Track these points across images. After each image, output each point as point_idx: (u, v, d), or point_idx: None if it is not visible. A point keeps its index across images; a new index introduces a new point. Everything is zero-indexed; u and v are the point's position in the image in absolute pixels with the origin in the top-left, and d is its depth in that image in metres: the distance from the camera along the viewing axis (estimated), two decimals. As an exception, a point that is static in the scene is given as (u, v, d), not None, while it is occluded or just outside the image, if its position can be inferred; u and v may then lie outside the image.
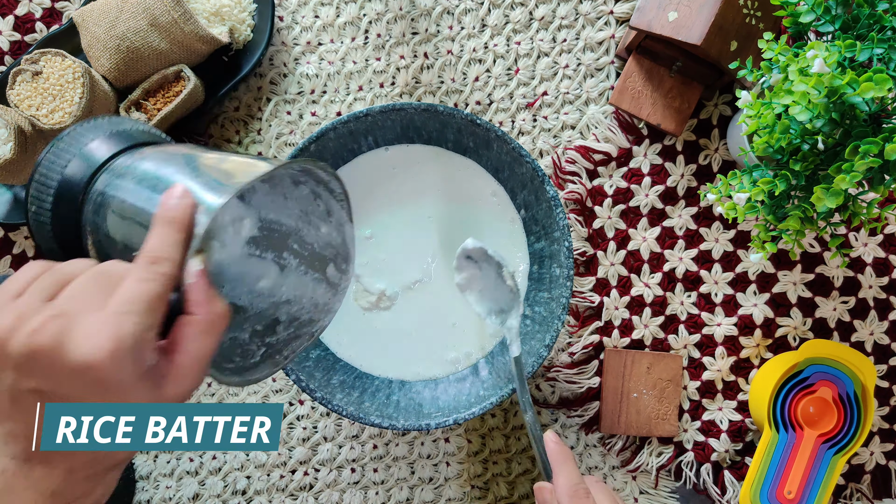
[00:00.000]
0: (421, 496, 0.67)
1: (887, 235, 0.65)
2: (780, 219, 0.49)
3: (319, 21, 0.67)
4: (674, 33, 0.56)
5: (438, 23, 0.67)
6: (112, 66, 0.59)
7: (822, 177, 0.45)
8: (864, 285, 0.65)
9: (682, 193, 0.66)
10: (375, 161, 0.62)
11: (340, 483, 0.67)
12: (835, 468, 0.59)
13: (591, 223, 0.66)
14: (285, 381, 0.67)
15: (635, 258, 0.66)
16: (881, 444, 0.65)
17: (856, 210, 0.47)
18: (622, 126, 0.66)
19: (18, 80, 0.58)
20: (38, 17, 0.67)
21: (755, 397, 0.62)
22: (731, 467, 0.65)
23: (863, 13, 0.44)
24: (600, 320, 0.66)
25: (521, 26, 0.66)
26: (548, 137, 0.67)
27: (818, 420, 0.60)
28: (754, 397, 0.63)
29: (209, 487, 0.67)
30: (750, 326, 0.65)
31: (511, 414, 0.67)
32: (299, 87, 0.67)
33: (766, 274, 0.65)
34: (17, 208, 0.64)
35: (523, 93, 0.67)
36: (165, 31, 0.59)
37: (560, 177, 0.66)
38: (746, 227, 0.65)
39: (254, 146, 0.67)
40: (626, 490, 0.66)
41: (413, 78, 0.67)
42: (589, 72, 0.67)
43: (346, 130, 0.58)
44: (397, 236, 0.62)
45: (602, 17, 0.66)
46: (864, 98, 0.40)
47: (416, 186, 0.62)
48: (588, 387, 0.66)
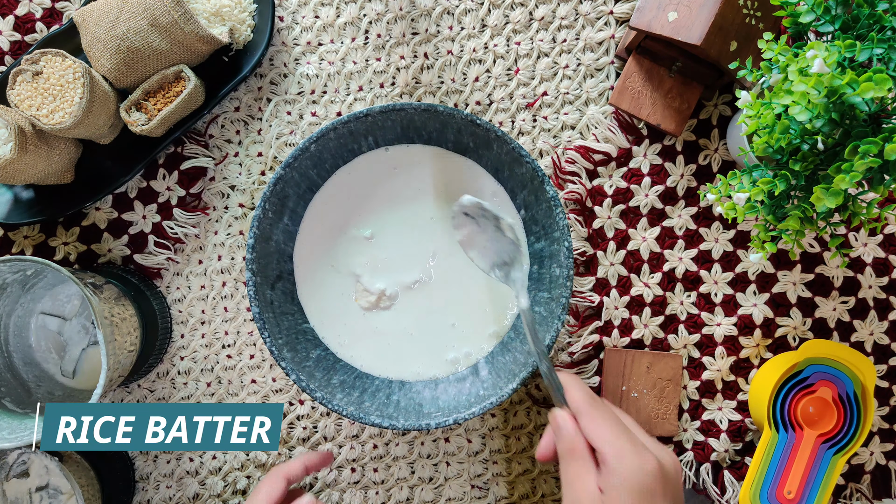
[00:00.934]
0: (421, 496, 0.67)
1: (887, 235, 0.65)
2: (779, 219, 0.49)
3: (319, 21, 0.67)
4: (673, 33, 0.56)
5: (438, 23, 0.67)
6: (112, 66, 0.59)
7: (821, 177, 0.45)
8: (864, 285, 0.65)
9: (681, 193, 0.66)
10: (376, 161, 0.62)
11: (340, 483, 0.67)
12: (835, 468, 0.59)
13: (591, 223, 0.66)
14: (285, 381, 0.67)
15: (635, 258, 0.66)
16: (881, 444, 0.65)
17: (855, 210, 0.47)
18: (622, 126, 0.66)
19: (19, 80, 0.58)
20: (39, 17, 0.67)
21: (755, 397, 0.62)
22: (730, 467, 0.65)
23: (863, 13, 0.44)
24: (600, 320, 0.66)
25: (521, 26, 0.67)
26: (548, 137, 0.67)
27: (818, 420, 0.60)
28: (754, 397, 0.63)
29: (209, 487, 0.67)
30: (750, 326, 0.65)
31: (511, 414, 0.67)
32: (299, 88, 0.67)
33: (766, 274, 0.65)
34: (18, 208, 0.64)
35: (523, 93, 0.67)
36: (166, 31, 0.59)
37: (560, 177, 0.66)
38: (746, 227, 0.65)
39: (254, 146, 0.67)
40: (625, 490, 0.66)
41: (413, 78, 0.67)
42: (589, 72, 0.67)
43: (346, 130, 0.58)
44: (397, 236, 0.62)
45: (602, 17, 0.66)
46: (864, 98, 0.40)
47: (417, 186, 0.62)
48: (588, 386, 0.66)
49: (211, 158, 0.67)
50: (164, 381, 0.67)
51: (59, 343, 0.65)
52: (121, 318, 0.58)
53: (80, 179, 0.65)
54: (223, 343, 0.67)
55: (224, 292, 0.67)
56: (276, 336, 0.57)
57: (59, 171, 0.62)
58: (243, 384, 0.67)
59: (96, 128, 0.61)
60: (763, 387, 0.61)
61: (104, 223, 0.66)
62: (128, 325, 0.59)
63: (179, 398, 0.67)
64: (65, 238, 0.66)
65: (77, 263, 0.66)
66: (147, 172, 0.67)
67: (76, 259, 0.66)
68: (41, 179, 0.62)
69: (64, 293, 0.65)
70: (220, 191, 0.67)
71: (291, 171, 0.58)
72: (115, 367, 0.57)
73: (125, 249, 0.66)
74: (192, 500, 0.67)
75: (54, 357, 0.65)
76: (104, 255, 0.66)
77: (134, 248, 0.66)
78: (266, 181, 0.67)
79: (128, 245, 0.66)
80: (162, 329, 0.65)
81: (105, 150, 0.65)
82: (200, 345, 0.67)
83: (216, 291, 0.67)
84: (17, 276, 0.60)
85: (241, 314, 0.67)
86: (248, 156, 0.67)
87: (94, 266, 0.66)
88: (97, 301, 0.55)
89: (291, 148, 0.67)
